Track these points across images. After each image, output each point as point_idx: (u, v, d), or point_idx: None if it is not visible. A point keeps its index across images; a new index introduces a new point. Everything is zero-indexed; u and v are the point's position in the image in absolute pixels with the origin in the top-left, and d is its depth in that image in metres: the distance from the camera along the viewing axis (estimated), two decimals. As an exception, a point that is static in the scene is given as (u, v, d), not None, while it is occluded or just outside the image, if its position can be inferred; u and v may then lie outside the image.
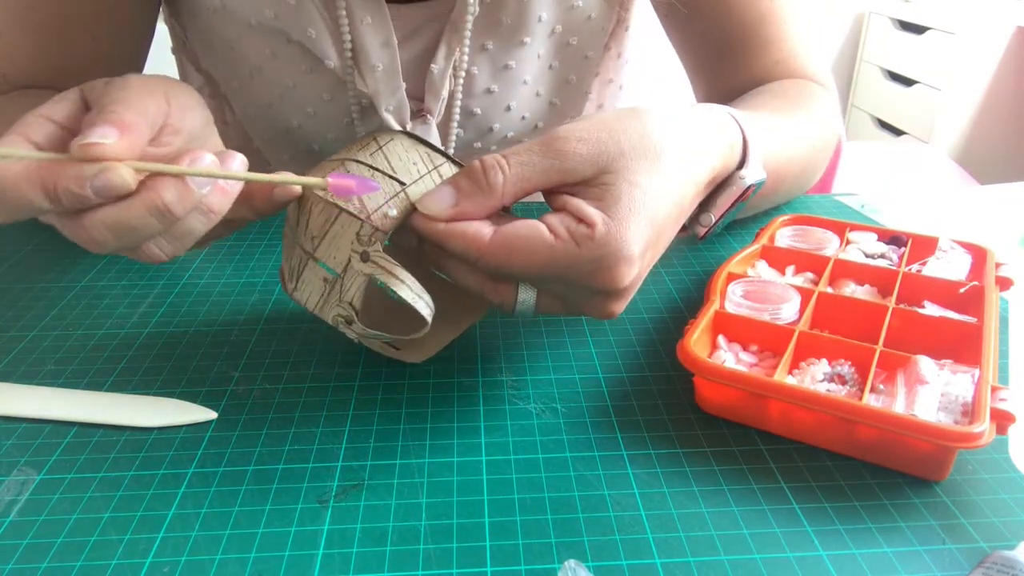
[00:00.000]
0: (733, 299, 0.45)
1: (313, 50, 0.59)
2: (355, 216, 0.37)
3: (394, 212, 0.37)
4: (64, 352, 0.46)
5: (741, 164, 0.46)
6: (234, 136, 0.74)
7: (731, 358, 0.42)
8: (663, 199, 0.38)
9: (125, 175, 0.32)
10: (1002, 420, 0.35)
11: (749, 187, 0.45)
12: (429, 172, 0.39)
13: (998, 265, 0.49)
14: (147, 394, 0.42)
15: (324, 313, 0.39)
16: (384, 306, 0.42)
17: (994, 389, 0.36)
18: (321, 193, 0.37)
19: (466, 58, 0.61)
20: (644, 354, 0.46)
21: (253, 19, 0.58)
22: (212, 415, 0.40)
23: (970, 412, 0.37)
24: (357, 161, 0.39)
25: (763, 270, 0.50)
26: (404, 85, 0.61)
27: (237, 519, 0.33)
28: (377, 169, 0.38)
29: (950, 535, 0.33)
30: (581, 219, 0.35)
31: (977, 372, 0.39)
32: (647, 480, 0.36)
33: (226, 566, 0.31)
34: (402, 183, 0.38)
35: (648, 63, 0.82)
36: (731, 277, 0.47)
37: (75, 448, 0.38)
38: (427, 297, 0.37)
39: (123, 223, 0.33)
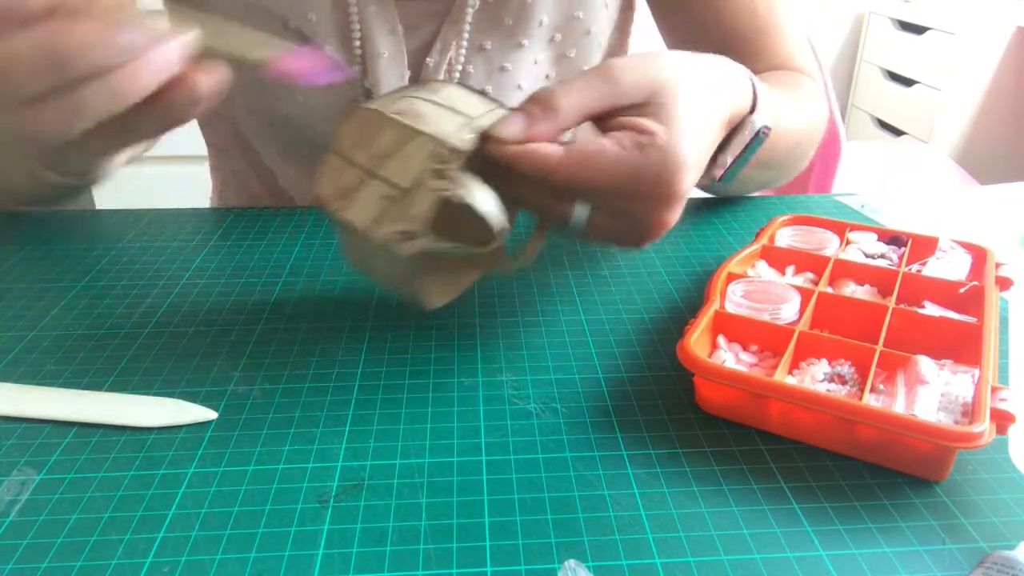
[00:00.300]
0: (733, 299, 0.45)
1: (311, 36, 0.59)
2: (432, 136, 0.38)
3: (469, 136, 0.39)
4: (64, 352, 0.46)
5: (752, 110, 0.48)
6: (225, 129, 0.74)
7: (731, 358, 0.42)
8: (702, 126, 0.42)
9: None
10: (1002, 420, 0.35)
11: (759, 130, 0.48)
12: (488, 111, 0.41)
13: (998, 265, 0.49)
14: (147, 394, 0.42)
15: (374, 230, 0.40)
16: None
17: (994, 389, 0.36)
18: (395, 116, 0.39)
19: (463, 54, 0.61)
20: (644, 354, 0.46)
21: (249, 1, 0.58)
22: (212, 415, 0.40)
23: (970, 412, 0.37)
24: (418, 98, 0.40)
25: (763, 270, 0.50)
26: (409, 73, 0.61)
27: (237, 519, 0.33)
28: (441, 104, 0.40)
29: (950, 535, 0.33)
30: (642, 130, 0.39)
31: (977, 372, 0.39)
32: (647, 480, 0.36)
33: (226, 566, 0.31)
34: (469, 116, 0.40)
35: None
36: (731, 277, 0.47)
37: (75, 448, 0.38)
38: (502, 209, 0.39)
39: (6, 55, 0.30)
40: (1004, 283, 0.48)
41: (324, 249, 0.59)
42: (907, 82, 2.48)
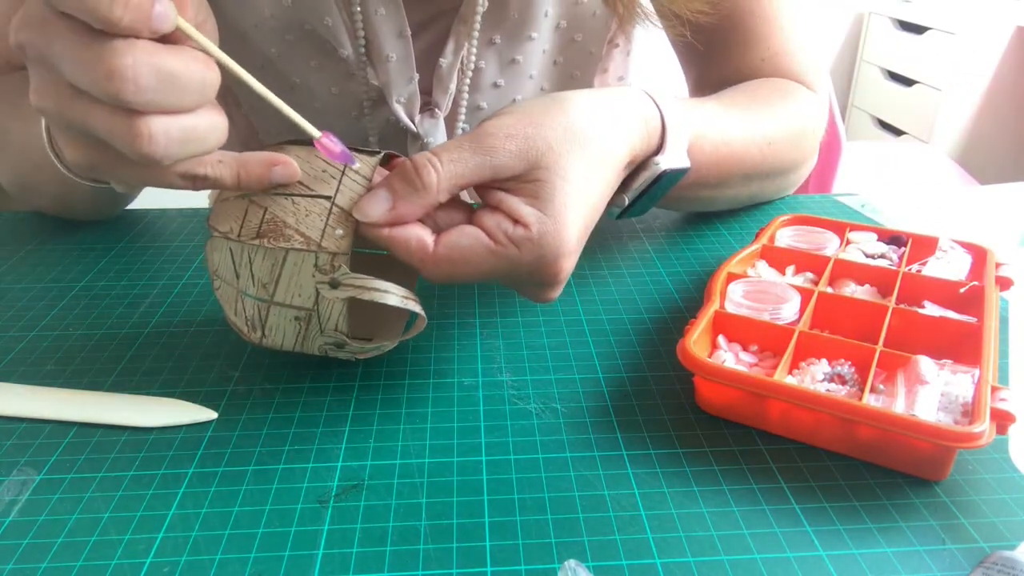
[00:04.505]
0: (733, 299, 0.45)
1: (328, 38, 0.59)
2: (305, 250, 0.37)
3: (340, 231, 0.37)
4: (64, 352, 0.46)
5: (659, 149, 0.46)
6: (240, 129, 0.74)
7: (731, 358, 0.42)
8: (592, 186, 0.39)
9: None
10: (1002, 420, 0.35)
11: (663, 172, 0.46)
12: (343, 172, 0.38)
13: (998, 265, 0.49)
14: (148, 393, 0.42)
15: (306, 348, 0.40)
16: (358, 310, 0.42)
17: (994, 389, 0.36)
18: (255, 241, 0.37)
19: (474, 52, 0.61)
20: (644, 354, 0.46)
21: (268, 10, 0.58)
22: (212, 415, 0.40)
23: (970, 412, 0.37)
24: (265, 193, 0.38)
25: (763, 270, 0.50)
26: (417, 76, 0.61)
27: (237, 519, 0.33)
28: (293, 194, 0.37)
29: (950, 535, 0.33)
30: (517, 220, 0.37)
31: (977, 372, 0.39)
32: (647, 480, 0.36)
33: (226, 566, 0.31)
34: (327, 196, 0.37)
35: (653, 56, 0.82)
36: (731, 277, 0.47)
37: (75, 448, 0.38)
38: (412, 294, 0.38)
39: (165, 68, 0.31)
40: (1004, 283, 0.48)
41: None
42: (907, 82, 2.48)
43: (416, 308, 0.38)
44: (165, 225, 0.63)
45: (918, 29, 2.41)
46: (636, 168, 0.46)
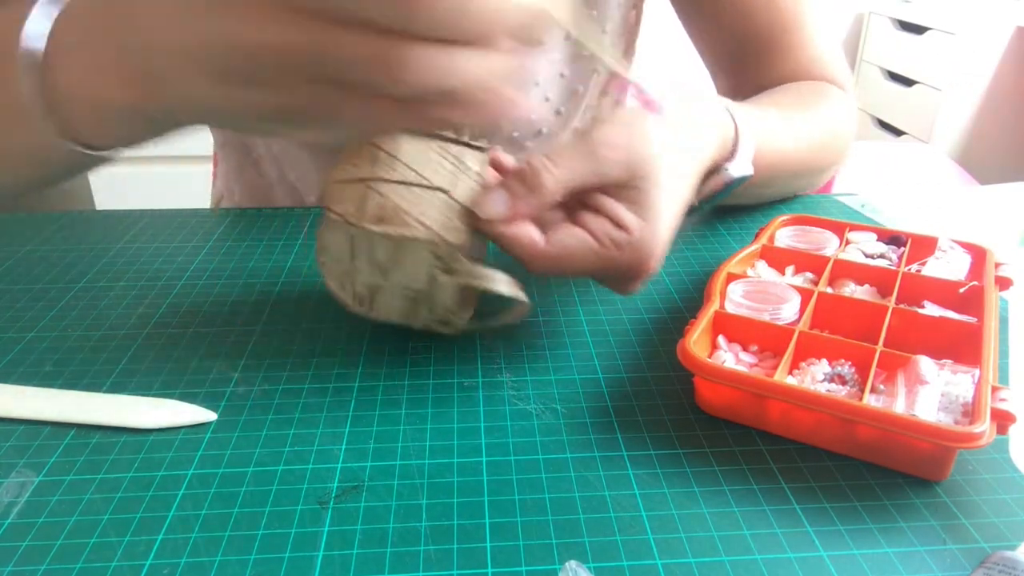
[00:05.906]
0: (733, 299, 0.45)
1: None
2: (427, 240, 0.39)
3: (458, 222, 0.39)
4: (63, 353, 0.45)
5: (730, 156, 0.50)
6: (269, 171, 0.74)
7: (731, 358, 0.42)
8: (679, 194, 0.43)
9: None
10: (1002, 420, 0.35)
11: (732, 179, 0.50)
12: (457, 167, 0.40)
13: (998, 265, 0.49)
14: (147, 394, 0.42)
15: (412, 322, 0.43)
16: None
17: (994, 389, 0.36)
18: (376, 227, 0.38)
19: None
20: (644, 354, 0.46)
21: None
22: (212, 416, 0.40)
23: (970, 412, 0.37)
24: (384, 180, 0.39)
25: (763, 270, 0.50)
26: None
27: (237, 520, 0.33)
28: (411, 184, 0.39)
29: (951, 535, 0.33)
30: (619, 224, 0.40)
31: (977, 372, 0.39)
32: (647, 481, 0.36)
33: (226, 568, 0.31)
34: (445, 190, 0.39)
35: (654, 56, 0.82)
36: (731, 277, 0.47)
37: (74, 450, 0.38)
38: (517, 282, 0.41)
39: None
40: (1004, 283, 0.48)
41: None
42: (907, 82, 2.47)
43: (522, 296, 0.41)
44: (165, 225, 0.63)
45: (918, 29, 2.41)
46: (706, 175, 0.49)
